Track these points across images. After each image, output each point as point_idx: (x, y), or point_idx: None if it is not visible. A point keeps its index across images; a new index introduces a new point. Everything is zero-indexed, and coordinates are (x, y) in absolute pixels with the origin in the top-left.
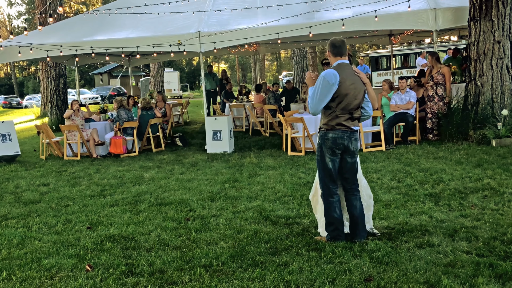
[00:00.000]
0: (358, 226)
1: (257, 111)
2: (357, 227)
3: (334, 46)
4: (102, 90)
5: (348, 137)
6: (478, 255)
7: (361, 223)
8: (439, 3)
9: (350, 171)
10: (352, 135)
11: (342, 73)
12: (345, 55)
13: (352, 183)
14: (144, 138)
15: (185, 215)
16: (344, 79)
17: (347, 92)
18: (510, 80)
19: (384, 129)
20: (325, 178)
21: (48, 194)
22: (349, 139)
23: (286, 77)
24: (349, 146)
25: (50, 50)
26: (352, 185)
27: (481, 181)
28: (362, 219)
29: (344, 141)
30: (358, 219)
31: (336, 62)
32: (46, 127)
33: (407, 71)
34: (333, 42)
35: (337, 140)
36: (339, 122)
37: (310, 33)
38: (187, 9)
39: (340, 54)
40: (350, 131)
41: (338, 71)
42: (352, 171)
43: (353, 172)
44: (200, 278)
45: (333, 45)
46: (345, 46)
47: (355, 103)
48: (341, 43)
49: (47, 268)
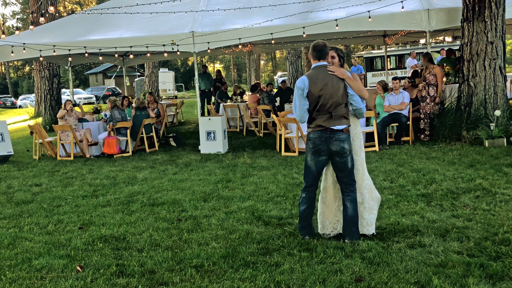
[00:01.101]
0: (349, 226)
1: (251, 112)
2: (348, 227)
3: (314, 50)
4: (97, 90)
5: (327, 138)
6: (469, 255)
7: (353, 223)
8: (433, 3)
9: (341, 171)
10: (332, 135)
11: (313, 76)
12: (325, 58)
13: (345, 183)
14: (138, 138)
15: (177, 215)
16: (314, 82)
17: (319, 94)
18: (502, 81)
19: (378, 129)
20: (305, 173)
21: (40, 194)
22: (329, 140)
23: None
24: (330, 147)
25: (43, 49)
26: (345, 185)
27: (474, 181)
28: (354, 220)
29: (322, 142)
30: (350, 220)
31: (313, 65)
32: (39, 127)
33: (401, 71)
34: (313, 46)
35: (316, 141)
36: (317, 124)
37: (304, 34)
38: (181, 9)
39: (319, 57)
40: (330, 131)
41: (308, 75)
42: (343, 171)
43: (345, 172)
44: (191, 278)
45: (313, 49)
46: (325, 49)
47: (332, 102)
48: (321, 47)
49: (37, 268)
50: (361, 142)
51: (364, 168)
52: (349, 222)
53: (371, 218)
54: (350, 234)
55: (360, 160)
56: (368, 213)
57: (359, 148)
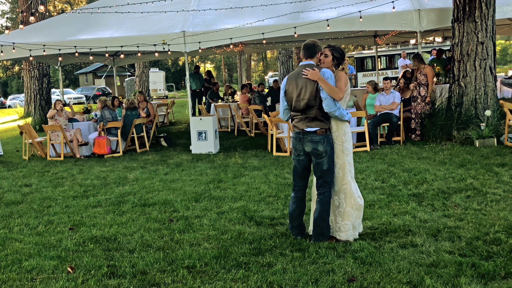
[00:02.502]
0: (314, 228)
1: (243, 111)
2: (314, 229)
3: (303, 48)
4: (87, 90)
5: (302, 139)
6: (460, 255)
7: (316, 225)
8: (423, 4)
9: (315, 171)
10: (305, 136)
11: (292, 76)
12: (313, 57)
13: (318, 183)
14: (128, 139)
15: (169, 216)
16: (290, 82)
17: (292, 95)
18: (493, 81)
19: (369, 129)
20: (292, 172)
21: (30, 195)
22: (303, 140)
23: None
24: (305, 148)
25: (33, 49)
26: (317, 186)
27: (464, 181)
28: (317, 222)
29: (297, 142)
30: (315, 222)
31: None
32: (29, 127)
33: (392, 71)
34: (303, 45)
35: (293, 141)
36: (294, 124)
37: (295, 34)
38: (172, 8)
39: (307, 56)
40: (303, 132)
41: (289, 75)
42: (317, 172)
43: (319, 173)
44: (183, 279)
45: (302, 47)
46: (314, 48)
47: (303, 104)
48: (309, 45)
49: (27, 270)
50: (344, 145)
51: (346, 172)
52: (314, 224)
53: (346, 224)
54: (314, 236)
55: (341, 164)
56: (342, 218)
57: (341, 152)
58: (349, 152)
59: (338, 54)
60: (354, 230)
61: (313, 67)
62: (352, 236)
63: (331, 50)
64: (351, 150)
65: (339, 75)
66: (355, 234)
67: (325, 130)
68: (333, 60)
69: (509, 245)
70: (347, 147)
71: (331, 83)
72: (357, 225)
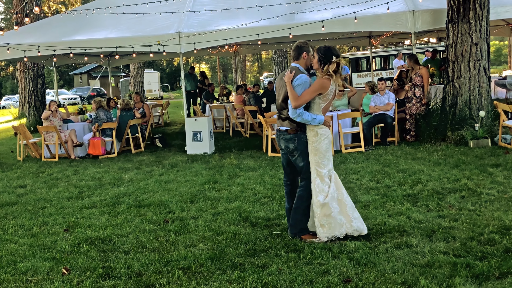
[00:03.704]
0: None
1: (238, 112)
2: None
3: (292, 50)
4: (82, 91)
5: (278, 136)
6: (455, 255)
7: (291, 216)
8: (418, 5)
9: (296, 167)
10: (280, 134)
11: (279, 76)
12: (298, 59)
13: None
14: (123, 139)
15: (164, 217)
16: (277, 81)
17: (275, 93)
18: (487, 82)
19: (363, 130)
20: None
21: (25, 196)
22: (279, 138)
23: (267, 78)
24: (280, 145)
25: (27, 50)
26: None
27: (459, 181)
28: (292, 213)
29: (277, 138)
30: (292, 213)
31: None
32: (23, 128)
33: (386, 72)
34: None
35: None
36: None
37: (290, 34)
38: (167, 9)
39: (293, 58)
40: (279, 130)
41: (280, 74)
42: (297, 168)
43: (298, 169)
44: (178, 280)
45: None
46: (299, 50)
47: (278, 104)
48: (295, 48)
49: (22, 271)
50: (313, 145)
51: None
52: (291, 216)
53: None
54: (289, 227)
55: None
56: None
57: (311, 151)
58: (319, 153)
59: (321, 54)
60: (323, 228)
61: (293, 70)
62: (323, 234)
63: (317, 50)
64: (325, 151)
65: (315, 81)
66: (327, 233)
67: (296, 129)
68: (318, 60)
69: (503, 246)
70: (316, 147)
71: (299, 90)
72: (325, 224)
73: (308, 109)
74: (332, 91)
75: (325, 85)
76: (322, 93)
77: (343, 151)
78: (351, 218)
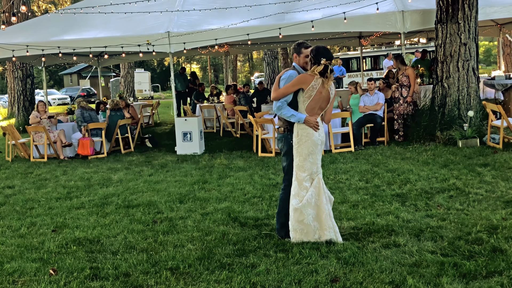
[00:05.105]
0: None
1: (228, 112)
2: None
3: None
4: (71, 91)
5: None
6: (443, 254)
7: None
8: (407, 5)
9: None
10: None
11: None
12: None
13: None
14: (113, 140)
15: (153, 217)
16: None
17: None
18: (476, 82)
19: (353, 130)
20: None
21: (13, 196)
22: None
23: (258, 78)
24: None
25: (16, 49)
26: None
27: (447, 181)
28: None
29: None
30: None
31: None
32: (12, 128)
33: (377, 72)
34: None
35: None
36: None
37: (280, 35)
38: (156, 9)
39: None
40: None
41: None
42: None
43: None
44: (166, 281)
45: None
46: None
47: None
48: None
49: (9, 272)
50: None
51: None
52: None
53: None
54: (277, 230)
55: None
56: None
57: (298, 167)
58: (300, 155)
59: (312, 54)
60: (295, 233)
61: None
62: (294, 240)
63: (310, 50)
64: (307, 154)
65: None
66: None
67: (284, 129)
68: (309, 60)
69: (490, 245)
70: (297, 149)
71: (282, 84)
72: (298, 229)
73: (297, 109)
74: (316, 88)
75: (305, 80)
76: (303, 89)
77: (333, 151)
78: (325, 227)
